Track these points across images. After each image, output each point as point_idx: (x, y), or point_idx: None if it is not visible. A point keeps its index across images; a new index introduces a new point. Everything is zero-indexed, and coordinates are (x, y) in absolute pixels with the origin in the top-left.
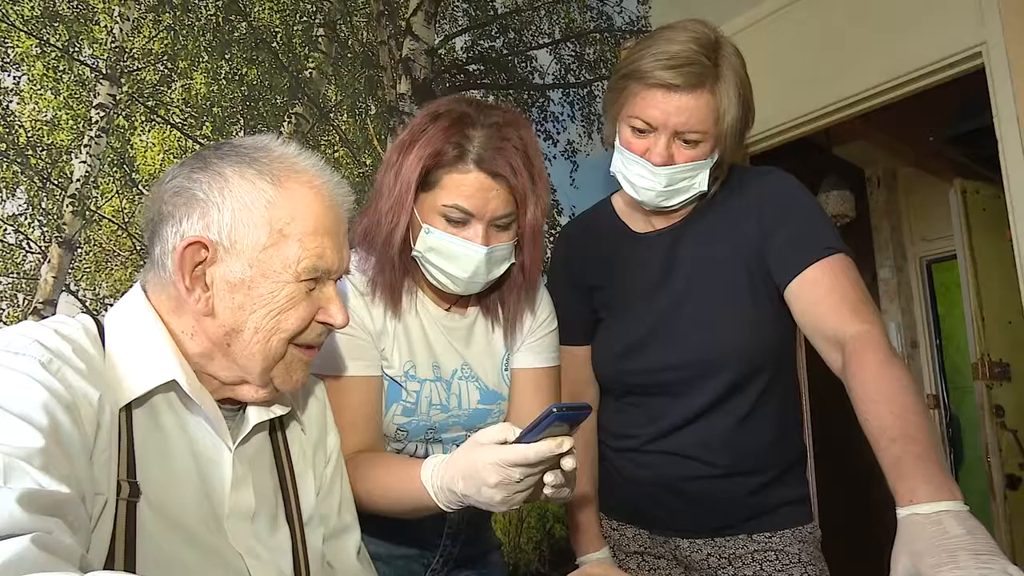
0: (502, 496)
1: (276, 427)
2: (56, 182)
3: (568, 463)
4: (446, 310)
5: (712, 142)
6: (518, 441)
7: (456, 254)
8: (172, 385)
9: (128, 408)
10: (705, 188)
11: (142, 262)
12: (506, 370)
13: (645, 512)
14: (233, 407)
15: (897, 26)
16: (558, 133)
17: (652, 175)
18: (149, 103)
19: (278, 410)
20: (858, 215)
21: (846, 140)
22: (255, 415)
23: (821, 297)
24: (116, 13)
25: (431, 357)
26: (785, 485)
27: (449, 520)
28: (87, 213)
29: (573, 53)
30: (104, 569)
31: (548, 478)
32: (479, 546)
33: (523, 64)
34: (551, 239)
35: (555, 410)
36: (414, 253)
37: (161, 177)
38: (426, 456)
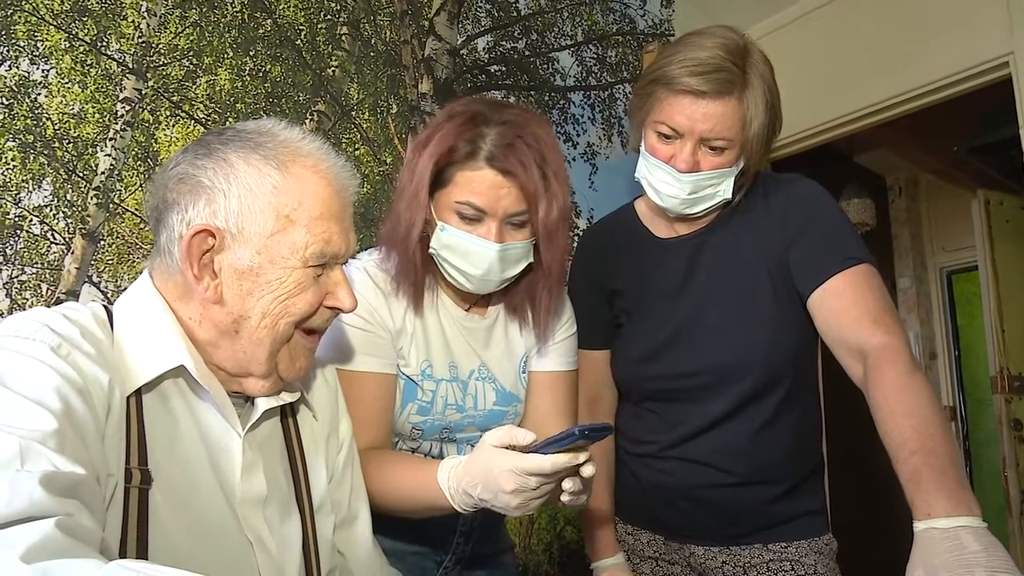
0: (518, 502)
1: (287, 413)
2: (81, 174)
3: (587, 470)
4: (466, 310)
5: (738, 149)
6: (535, 450)
7: (469, 251)
8: (180, 371)
9: (138, 394)
10: (730, 196)
11: None
12: (524, 372)
13: (661, 518)
14: (241, 395)
15: (924, 34)
16: (578, 136)
17: (677, 182)
18: (174, 98)
19: (287, 396)
20: (878, 223)
21: (868, 148)
22: (264, 400)
23: (844, 308)
24: (143, 9)
25: (448, 357)
26: (802, 495)
27: (463, 518)
28: (111, 206)
29: (595, 55)
30: (118, 557)
31: (567, 484)
32: (492, 545)
33: (545, 66)
34: (572, 240)
35: (577, 432)
36: (430, 250)
37: (164, 164)
38: (440, 456)
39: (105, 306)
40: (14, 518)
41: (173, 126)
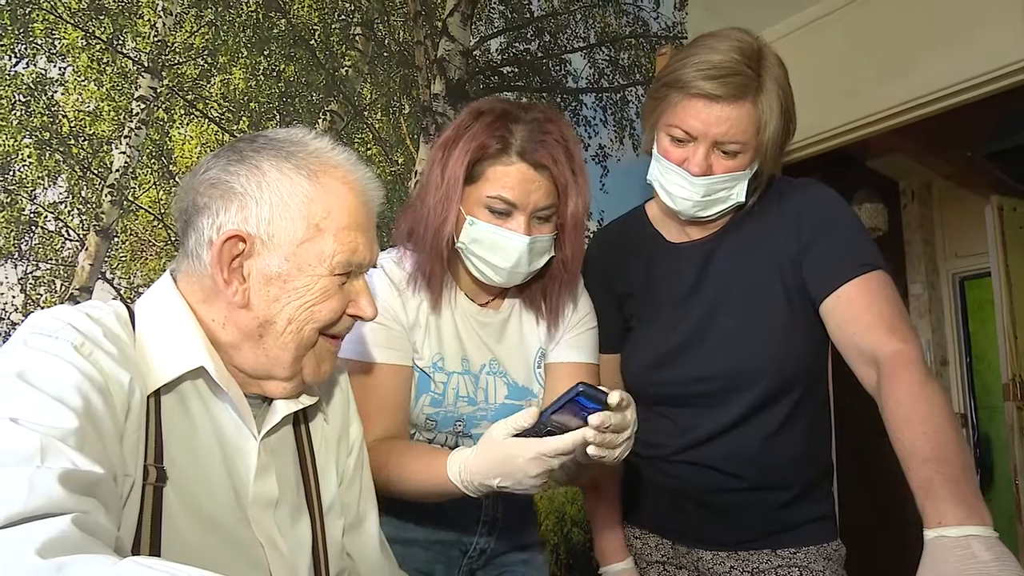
0: (541, 482)
1: (300, 419)
2: (96, 172)
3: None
4: (481, 306)
5: (752, 153)
6: (543, 422)
7: (500, 244)
8: (200, 372)
9: (157, 394)
10: (743, 199)
11: (176, 253)
12: (539, 368)
13: (670, 522)
14: (258, 397)
15: (938, 39)
16: (590, 138)
17: (690, 185)
18: (188, 97)
19: (306, 400)
20: (890, 229)
21: (881, 152)
22: (284, 406)
23: (857, 315)
24: (159, 7)
25: (460, 351)
26: (811, 501)
27: (485, 509)
28: (125, 203)
29: (607, 58)
30: (131, 553)
31: (591, 451)
32: (520, 539)
33: (557, 67)
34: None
35: (581, 388)
36: (458, 245)
37: (194, 168)
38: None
39: (127, 305)
40: (32, 514)
41: (187, 124)
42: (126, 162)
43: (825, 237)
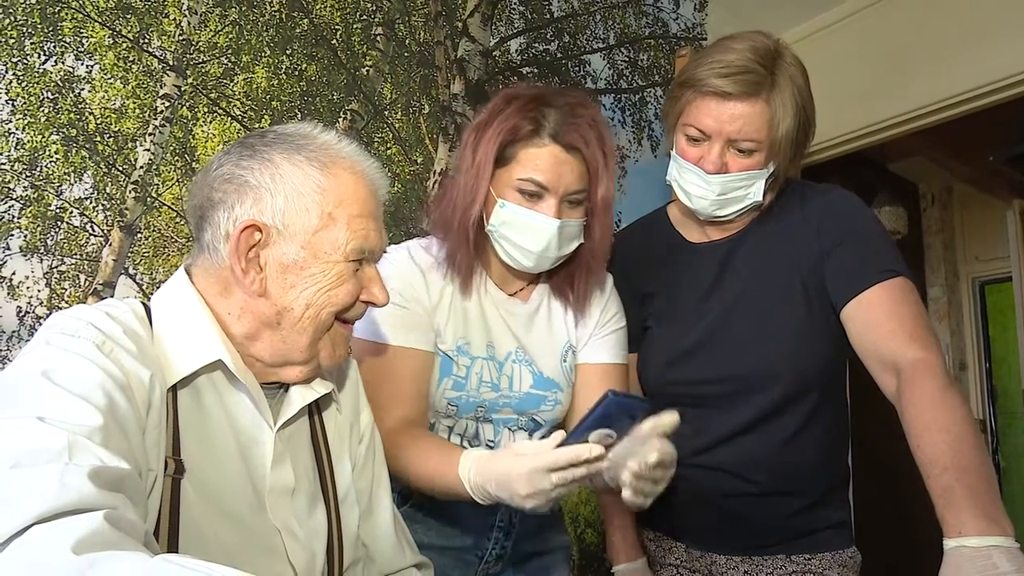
0: (534, 503)
1: (314, 410)
2: (121, 168)
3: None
4: (510, 296)
5: (766, 152)
6: (570, 434)
7: (530, 227)
8: (216, 365)
9: (174, 388)
10: (760, 199)
11: None
12: (566, 362)
13: (683, 526)
14: (273, 387)
15: (961, 42)
16: None
17: (705, 183)
18: (212, 95)
19: (320, 388)
20: (910, 232)
21: (901, 155)
22: (299, 397)
23: (879, 321)
24: (185, 7)
25: (486, 337)
26: (827, 508)
27: (500, 514)
28: (148, 199)
29: (627, 59)
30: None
31: (625, 477)
32: (539, 544)
33: (576, 68)
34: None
35: (611, 394)
36: (489, 227)
37: (206, 165)
38: (476, 435)
39: (143, 302)
40: (64, 509)
41: (210, 122)
42: (150, 159)
43: (847, 242)
